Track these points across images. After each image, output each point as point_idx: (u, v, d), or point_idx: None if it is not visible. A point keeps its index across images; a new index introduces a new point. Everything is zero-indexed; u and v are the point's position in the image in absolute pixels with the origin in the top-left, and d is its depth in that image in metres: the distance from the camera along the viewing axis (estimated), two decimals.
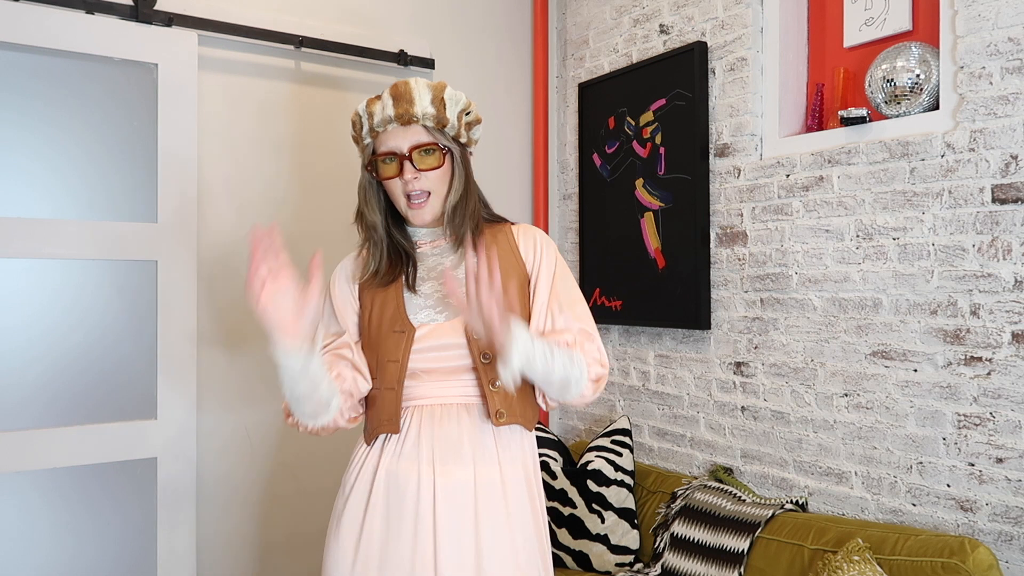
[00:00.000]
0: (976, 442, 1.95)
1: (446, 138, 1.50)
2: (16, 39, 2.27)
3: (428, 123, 1.47)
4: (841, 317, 2.24)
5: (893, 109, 2.12)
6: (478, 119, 1.57)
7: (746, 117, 2.51)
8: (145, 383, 2.47)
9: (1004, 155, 1.90)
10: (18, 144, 2.31)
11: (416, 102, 1.46)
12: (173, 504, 2.47)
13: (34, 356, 2.34)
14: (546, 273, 1.53)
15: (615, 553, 2.53)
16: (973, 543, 1.79)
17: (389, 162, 1.49)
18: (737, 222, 2.54)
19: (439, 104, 1.47)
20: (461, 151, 1.55)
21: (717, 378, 2.62)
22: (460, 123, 1.51)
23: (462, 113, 1.51)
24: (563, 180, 3.35)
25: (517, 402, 1.51)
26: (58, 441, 2.31)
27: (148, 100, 2.48)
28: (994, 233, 1.91)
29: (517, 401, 1.51)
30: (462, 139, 1.54)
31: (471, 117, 1.54)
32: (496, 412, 1.47)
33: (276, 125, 2.74)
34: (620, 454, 2.68)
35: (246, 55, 2.68)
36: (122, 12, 2.43)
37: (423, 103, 1.46)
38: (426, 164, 1.48)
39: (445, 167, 1.51)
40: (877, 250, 2.16)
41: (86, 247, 2.36)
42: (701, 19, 2.67)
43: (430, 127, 1.48)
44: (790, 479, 2.38)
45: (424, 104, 1.46)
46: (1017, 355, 1.87)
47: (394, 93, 1.48)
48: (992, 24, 1.91)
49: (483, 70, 3.21)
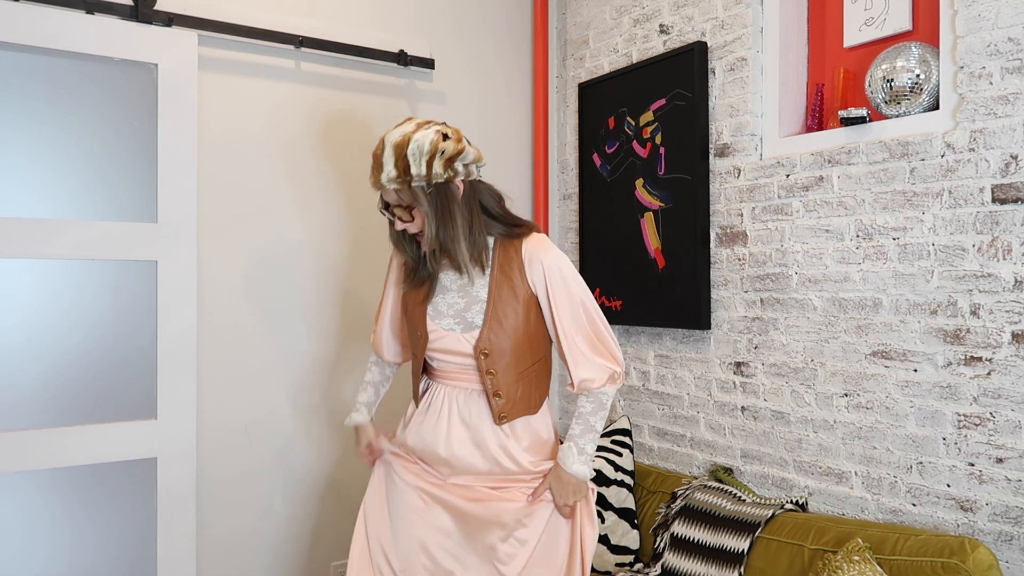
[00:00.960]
0: (976, 442, 1.95)
1: (412, 193, 1.69)
2: (16, 39, 2.27)
3: (393, 186, 1.68)
4: (841, 317, 2.24)
5: (893, 109, 2.12)
6: (458, 151, 1.70)
7: (746, 117, 2.51)
8: (145, 383, 2.47)
9: (1004, 155, 1.90)
10: (18, 144, 2.31)
11: (383, 169, 1.68)
12: (173, 504, 2.47)
13: (34, 356, 2.34)
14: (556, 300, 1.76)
15: (615, 553, 2.53)
16: (973, 543, 1.79)
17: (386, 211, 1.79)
18: (737, 222, 2.54)
19: (401, 166, 1.66)
20: (438, 189, 1.70)
21: (717, 378, 2.62)
22: (429, 170, 1.67)
23: (430, 160, 1.66)
24: (563, 180, 3.35)
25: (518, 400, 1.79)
26: (58, 441, 2.31)
27: (148, 100, 2.48)
28: (994, 233, 1.91)
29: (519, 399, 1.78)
30: (437, 180, 1.69)
31: (445, 156, 1.67)
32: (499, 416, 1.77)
33: (276, 125, 2.74)
34: (620, 454, 2.68)
35: (246, 55, 2.68)
36: (122, 12, 2.43)
37: (388, 169, 1.67)
38: (401, 216, 1.75)
39: (417, 215, 1.72)
40: (877, 250, 2.16)
41: (86, 247, 2.36)
42: (701, 19, 2.67)
43: (396, 188, 1.69)
44: (790, 479, 2.38)
45: (388, 170, 1.67)
46: (1017, 355, 1.87)
47: (373, 157, 1.72)
48: (992, 24, 1.91)
49: (483, 70, 3.21)
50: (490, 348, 1.73)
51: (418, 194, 1.68)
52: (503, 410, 1.75)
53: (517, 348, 1.75)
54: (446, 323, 1.79)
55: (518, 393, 1.77)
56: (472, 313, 1.76)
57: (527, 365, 1.78)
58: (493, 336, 1.73)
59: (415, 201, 1.69)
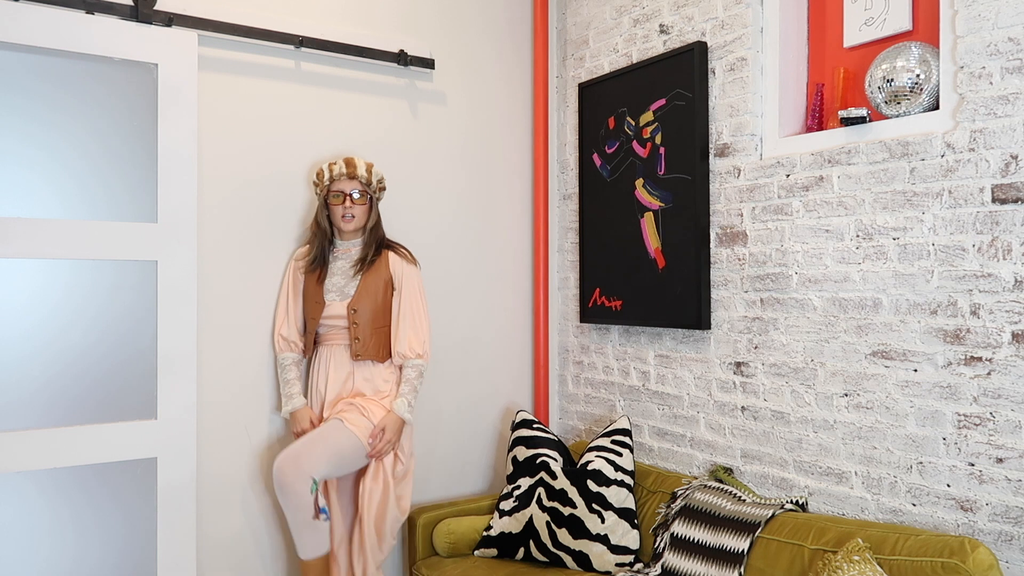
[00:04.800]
0: (976, 442, 1.95)
1: (369, 189, 2.64)
2: (16, 39, 2.27)
3: (362, 180, 2.62)
4: (841, 317, 2.24)
5: (893, 109, 2.12)
6: (384, 187, 2.71)
7: (746, 117, 2.51)
8: (145, 383, 2.47)
9: (1004, 155, 1.90)
10: (18, 144, 2.31)
11: (357, 168, 2.61)
12: (173, 504, 2.47)
13: (35, 356, 2.34)
14: (402, 292, 2.64)
15: (615, 553, 2.52)
16: (973, 543, 1.79)
17: (339, 196, 2.61)
18: (737, 222, 2.54)
19: (368, 173, 2.63)
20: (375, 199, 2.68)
21: (717, 378, 2.62)
22: (378, 187, 2.67)
23: (379, 182, 2.67)
24: (563, 180, 3.35)
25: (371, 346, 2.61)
26: (58, 441, 2.31)
27: (148, 100, 2.48)
28: (994, 233, 1.91)
29: (371, 346, 2.61)
30: (377, 194, 2.68)
31: (382, 185, 2.69)
32: (355, 354, 2.60)
33: (276, 125, 2.74)
34: (620, 454, 2.68)
35: (246, 55, 2.68)
36: (122, 12, 2.43)
37: (361, 170, 2.61)
38: (358, 200, 2.62)
39: (367, 204, 2.66)
40: (877, 250, 2.16)
41: (86, 247, 2.36)
42: (701, 19, 2.67)
43: (363, 183, 2.62)
44: (790, 479, 2.38)
45: (362, 171, 2.61)
46: (1017, 355, 1.87)
47: (346, 161, 2.61)
48: (992, 24, 1.91)
49: (483, 70, 3.21)
50: (357, 307, 2.57)
51: (371, 193, 2.65)
52: (359, 351, 2.58)
53: (374, 312, 2.60)
54: (331, 296, 2.61)
55: (371, 342, 2.60)
56: (349, 288, 2.60)
57: (379, 325, 2.62)
58: (359, 301, 2.58)
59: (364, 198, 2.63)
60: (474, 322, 3.18)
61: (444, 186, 3.11)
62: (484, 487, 3.21)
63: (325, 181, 2.59)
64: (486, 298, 3.22)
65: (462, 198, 3.16)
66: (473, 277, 3.19)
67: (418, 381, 2.60)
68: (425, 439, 3.05)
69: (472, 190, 3.18)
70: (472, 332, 3.18)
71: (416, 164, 3.04)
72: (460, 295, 3.15)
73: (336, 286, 2.62)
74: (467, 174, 3.17)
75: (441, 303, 3.10)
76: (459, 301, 3.15)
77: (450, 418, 3.12)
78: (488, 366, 3.22)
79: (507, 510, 2.72)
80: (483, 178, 3.22)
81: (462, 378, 3.15)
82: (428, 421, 3.06)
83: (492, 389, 3.23)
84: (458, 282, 3.15)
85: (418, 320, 2.63)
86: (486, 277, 3.22)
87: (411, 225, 3.02)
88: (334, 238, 2.67)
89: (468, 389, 3.17)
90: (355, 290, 2.59)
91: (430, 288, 3.06)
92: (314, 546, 2.42)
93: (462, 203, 3.16)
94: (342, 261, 2.65)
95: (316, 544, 2.43)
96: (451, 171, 3.13)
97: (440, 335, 3.09)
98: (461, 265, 3.16)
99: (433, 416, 3.07)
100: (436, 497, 3.07)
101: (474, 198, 3.19)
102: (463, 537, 2.73)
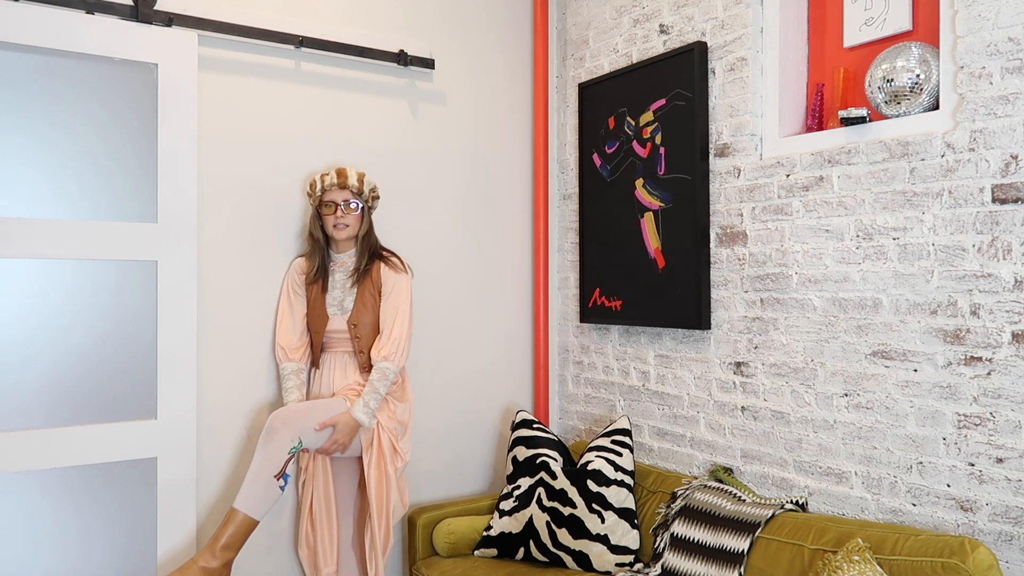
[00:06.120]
0: (976, 442, 1.95)
1: (361, 199, 2.65)
2: (16, 39, 2.27)
3: (354, 189, 2.63)
4: (841, 317, 2.24)
5: (893, 109, 2.12)
6: (378, 196, 2.72)
7: (746, 117, 2.51)
8: (145, 383, 2.47)
9: (1004, 155, 1.90)
10: (19, 144, 2.31)
11: (349, 178, 2.62)
12: (173, 504, 2.47)
13: (35, 356, 2.34)
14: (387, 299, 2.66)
15: (615, 553, 2.52)
16: (973, 543, 1.79)
17: (331, 206, 2.62)
18: (737, 222, 2.54)
19: (360, 183, 2.64)
20: (368, 208, 2.70)
21: (717, 378, 2.62)
22: (370, 196, 2.68)
23: (371, 191, 2.68)
24: (563, 180, 3.35)
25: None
26: (59, 441, 2.31)
27: (148, 100, 2.48)
28: (994, 233, 1.91)
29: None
30: (369, 203, 2.69)
31: (375, 194, 2.70)
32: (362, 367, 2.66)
33: (276, 125, 2.74)
34: (620, 454, 2.68)
35: (246, 55, 2.68)
36: (122, 12, 2.43)
37: (353, 180, 2.62)
38: (350, 210, 2.63)
39: (359, 213, 2.66)
40: (877, 250, 2.16)
41: (86, 247, 2.36)
42: (701, 19, 2.67)
43: (354, 192, 2.63)
44: (790, 479, 2.38)
45: (353, 180, 2.62)
46: (1017, 355, 1.87)
47: (337, 171, 2.63)
48: (992, 24, 1.91)
49: (483, 70, 3.21)
50: (357, 322, 2.63)
51: (363, 203, 2.67)
52: (364, 364, 2.64)
53: (373, 324, 2.65)
54: (332, 309, 2.66)
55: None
56: (347, 301, 2.66)
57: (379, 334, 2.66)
58: (358, 315, 2.63)
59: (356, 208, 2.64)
60: (474, 322, 3.18)
61: (444, 186, 3.11)
62: (484, 487, 3.21)
63: (317, 192, 2.62)
64: (486, 298, 3.22)
65: (462, 197, 3.16)
66: (473, 277, 3.19)
67: (381, 384, 2.56)
68: (425, 439, 3.05)
69: (472, 190, 3.18)
70: (472, 332, 3.18)
71: (416, 164, 3.04)
72: (460, 295, 3.15)
73: (336, 300, 2.66)
74: (467, 174, 3.17)
75: (441, 303, 3.10)
76: (459, 301, 3.15)
77: (450, 418, 3.12)
78: (488, 366, 3.22)
79: (507, 510, 2.72)
80: (483, 178, 3.22)
81: (462, 378, 3.15)
82: (428, 421, 3.06)
83: (492, 389, 3.23)
84: (458, 282, 3.15)
85: (395, 326, 2.63)
86: (486, 277, 3.22)
87: (411, 225, 3.03)
88: (330, 249, 2.70)
89: (468, 389, 3.17)
90: (353, 304, 2.64)
91: (430, 288, 3.06)
92: (254, 502, 2.31)
93: (462, 202, 3.16)
94: (339, 273, 2.69)
95: (257, 502, 2.32)
96: (451, 171, 3.13)
97: (440, 335, 3.09)
98: (461, 265, 3.16)
99: (433, 416, 3.07)
100: (436, 497, 3.07)
101: (474, 197, 3.19)
102: (463, 537, 2.73)
